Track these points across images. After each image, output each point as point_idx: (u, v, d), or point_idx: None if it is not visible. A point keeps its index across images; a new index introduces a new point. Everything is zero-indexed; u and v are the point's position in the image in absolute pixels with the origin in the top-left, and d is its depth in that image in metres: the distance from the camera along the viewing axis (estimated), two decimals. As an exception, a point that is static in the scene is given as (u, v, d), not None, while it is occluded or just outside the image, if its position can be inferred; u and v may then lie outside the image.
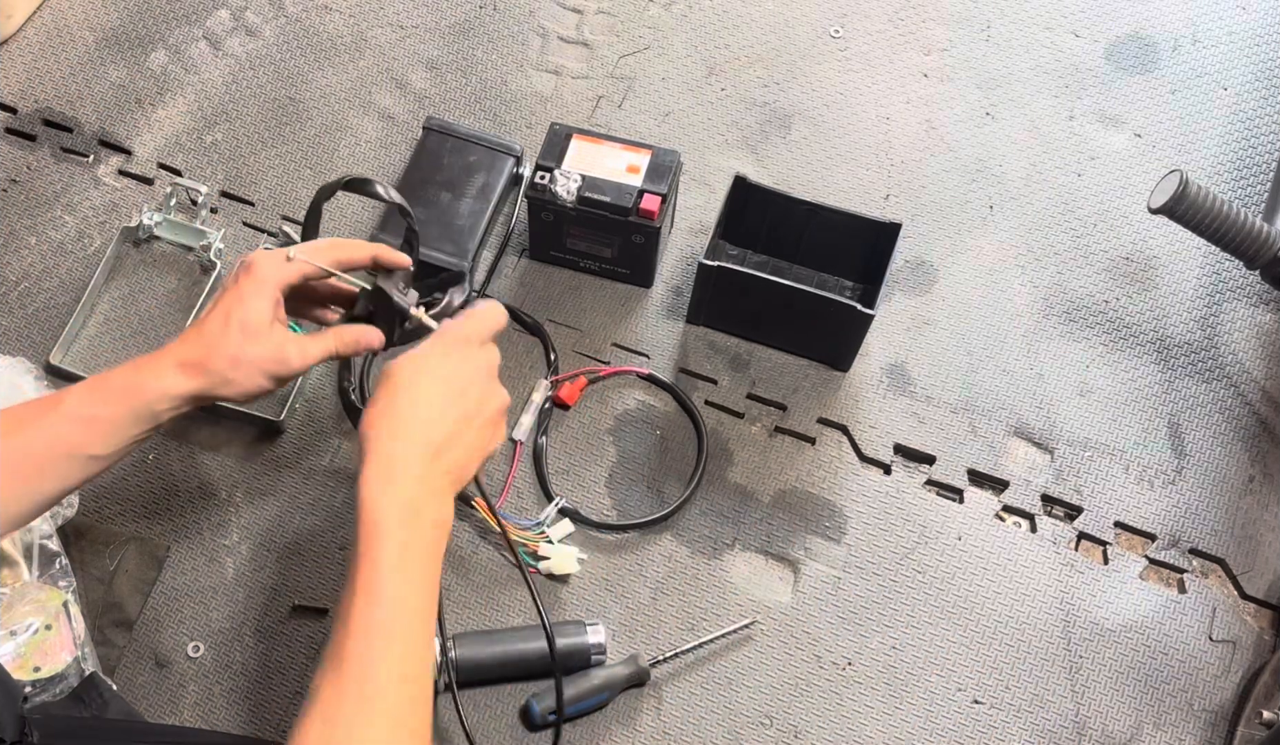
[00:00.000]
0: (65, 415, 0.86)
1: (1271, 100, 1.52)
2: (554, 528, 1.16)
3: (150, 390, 0.88)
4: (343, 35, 1.50)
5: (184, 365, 0.89)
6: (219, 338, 0.89)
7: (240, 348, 0.89)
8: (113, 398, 0.88)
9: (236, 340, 0.89)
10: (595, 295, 1.32)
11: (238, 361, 0.89)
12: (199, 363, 0.89)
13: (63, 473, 0.87)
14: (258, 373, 0.90)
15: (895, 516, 1.22)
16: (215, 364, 0.89)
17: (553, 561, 1.14)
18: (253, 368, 0.90)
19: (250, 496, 1.18)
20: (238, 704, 1.08)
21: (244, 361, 0.90)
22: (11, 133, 1.39)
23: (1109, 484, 1.25)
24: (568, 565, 1.14)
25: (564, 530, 1.16)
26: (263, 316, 0.90)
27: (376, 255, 0.96)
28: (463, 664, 1.07)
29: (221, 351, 0.89)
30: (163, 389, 0.88)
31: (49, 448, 0.86)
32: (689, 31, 1.53)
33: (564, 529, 1.16)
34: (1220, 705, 1.14)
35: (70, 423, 0.86)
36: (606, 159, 1.26)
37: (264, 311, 0.90)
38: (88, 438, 0.87)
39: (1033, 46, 1.55)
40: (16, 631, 1.01)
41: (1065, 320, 1.35)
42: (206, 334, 0.90)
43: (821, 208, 1.26)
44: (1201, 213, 1.17)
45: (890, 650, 1.15)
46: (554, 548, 1.14)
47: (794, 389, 1.28)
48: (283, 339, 0.92)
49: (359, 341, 0.96)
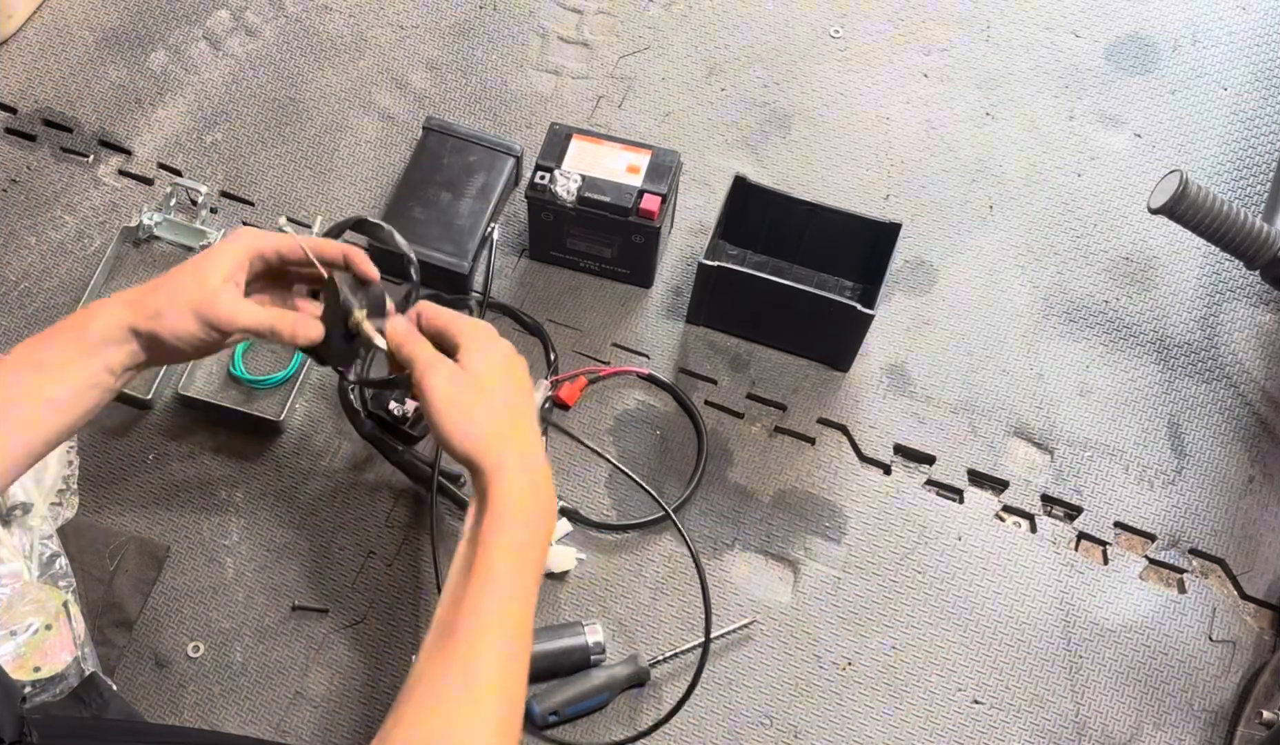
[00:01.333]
0: (14, 363, 0.87)
1: (1271, 100, 1.52)
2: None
3: (93, 321, 0.89)
4: (343, 35, 1.50)
5: (128, 301, 0.90)
6: (169, 278, 0.92)
7: (181, 285, 0.91)
8: (59, 336, 0.89)
9: (183, 280, 0.91)
10: (595, 295, 1.32)
11: (173, 296, 0.90)
12: (139, 297, 0.90)
13: (25, 419, 0.87)
14: (188, 311, 0.90)
15: (895, 516, 1.22)
16: (153, 298, 0.90)
17: (550, 560, 1.14)
18: (185, 305, 0.90)
19: (250, 496, 1.18)
20: (238, 704, 1.08)
21: (179, 298, 0.90)
22: (11, 133, 1.39)
23: (1109, 484, 1.25)
24: (566, 563, 1.14)
25: (562, 529, 1.16)
26: (218, 267, 0.92)
27: (348, 254, 0.96)
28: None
29: (164, 287, 0.91)
30: (104, 320, 0.89)
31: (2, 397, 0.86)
32: (689, 31, 1.53)
33: (562, 528, 1.16)
34: (1220, 705, 1.14)
35: (19, 369, 0.87)
36: (606, 159, 1.26)
37: (222, 264, 0.92)
38: (40, 379, 0.87)
39: (1033, 46, 1.55)
40: (16, 631, 1.01)
41: (1065, 320, 1.35)
42: (163, 279, 0.92)
43: (821, 208, 1.26)
44: (1201, 213, 1.17)
45: (890, 650, 1.15)
46: (552, 547, 1.14)
47: (794, 389, 1.28)
48: (225, 291, 0.92)
49: (295, 326, 0.94)
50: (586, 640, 1.09)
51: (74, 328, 0.90)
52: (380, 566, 1.15)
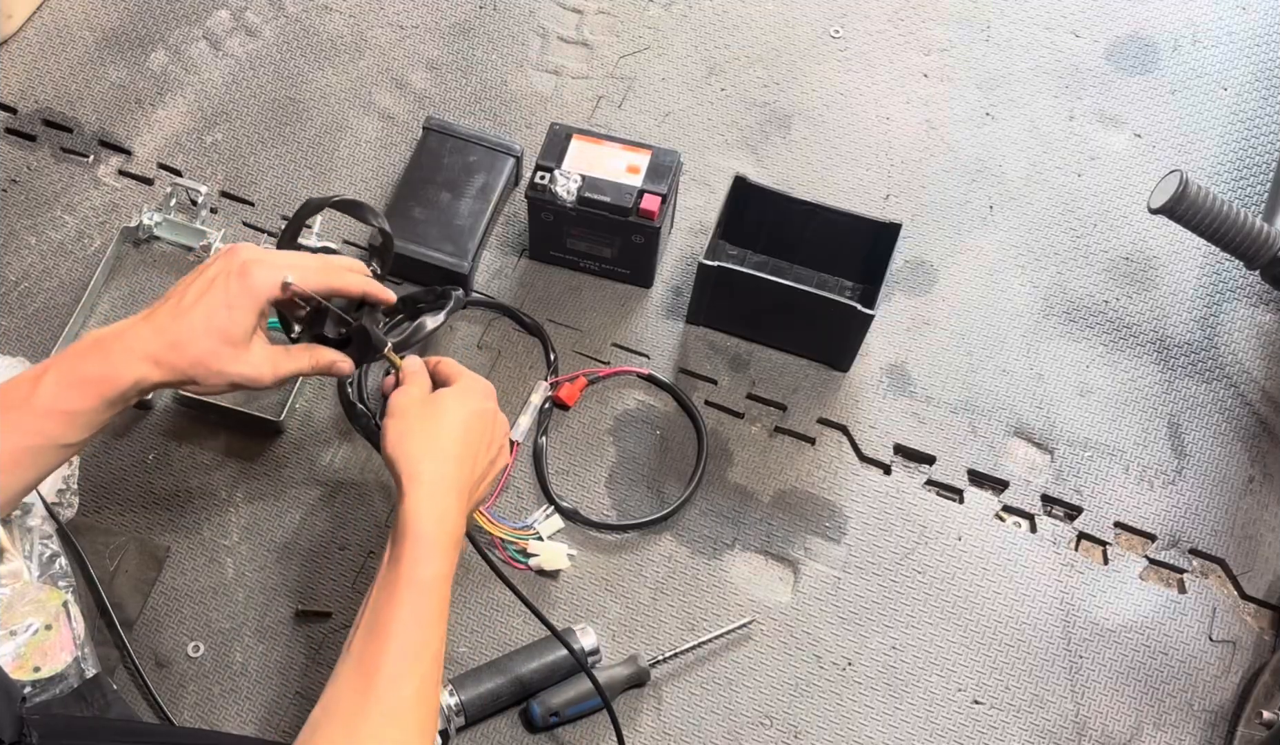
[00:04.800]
0: (37, 411, 0.86)
1: (1271, 100, 1.52)
2: (544, 525, 1.16)
3: (123, 380, 0.88)
4: (343, 35, 1.50)
5: (157, 362, 0.88)
6: (196, 339, 0.89)
7: (215, 356, 0.89)
8: (88, 390, 0.87)
9: (213, 347, 0.89)
10: (595, 295, 1.32)
11: (210, 369, 0.90)
12: (171, 363, 0.89)
13: (39, 464, 0.87)
14: (226, 382, 0.91)
15: (895, 516, 1.22)
16: (185, 364, 0.89)
17: (542, 557, 1.14)
18: (223, 378, 0.91)
19: (250, 496, 1.18)
20: (238, 704, 1.08)
21: (215, 370, 0.90)
22: (11, 133, 1.39)
23: (1109, 484, 1.25)
24: (558, 561, 1.14)
25: (553, 527, 1.17)
26: (245, 329, 0.90)
27: (367, 292, 0.97)
28: (468, 705, 1.06)
29: (194, 353, 0.89)
30: (134, 379, 0.88)
31: (23, 442, 0.86)
32: (689, 31, 1.53)
33: (554, 526, 1.17)
34: (1220, 705, 1.14)
35: (43, 417, 0.86)
36: (606, 159, 1.26)
37: (247, 325, 0.90)
38: (61, 430, 0.87)
39: (1033, 46, 1.55)
40: (16, 631, 1.01)
41: (1065, 320, 1.35)
42: (184, 331, 0.89)
43: (821, 208, 1.26)
44: (1201, 213, 1.17)
45: (890, 650, 1.15)
46: (543, 544, 1.15)
47: (794, 389, 1.28)
48: (259, 355, 0.92)
49: (331, 367, 0.98)
50: (579, 645, 1.08)
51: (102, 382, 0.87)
52: (380, 566, 1.15)
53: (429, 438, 0.92)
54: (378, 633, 0.84)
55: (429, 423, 0.93)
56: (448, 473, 0.91)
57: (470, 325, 1.29)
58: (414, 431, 0.92)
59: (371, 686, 0.81)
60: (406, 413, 0.93)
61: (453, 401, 0.95)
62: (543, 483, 1.20)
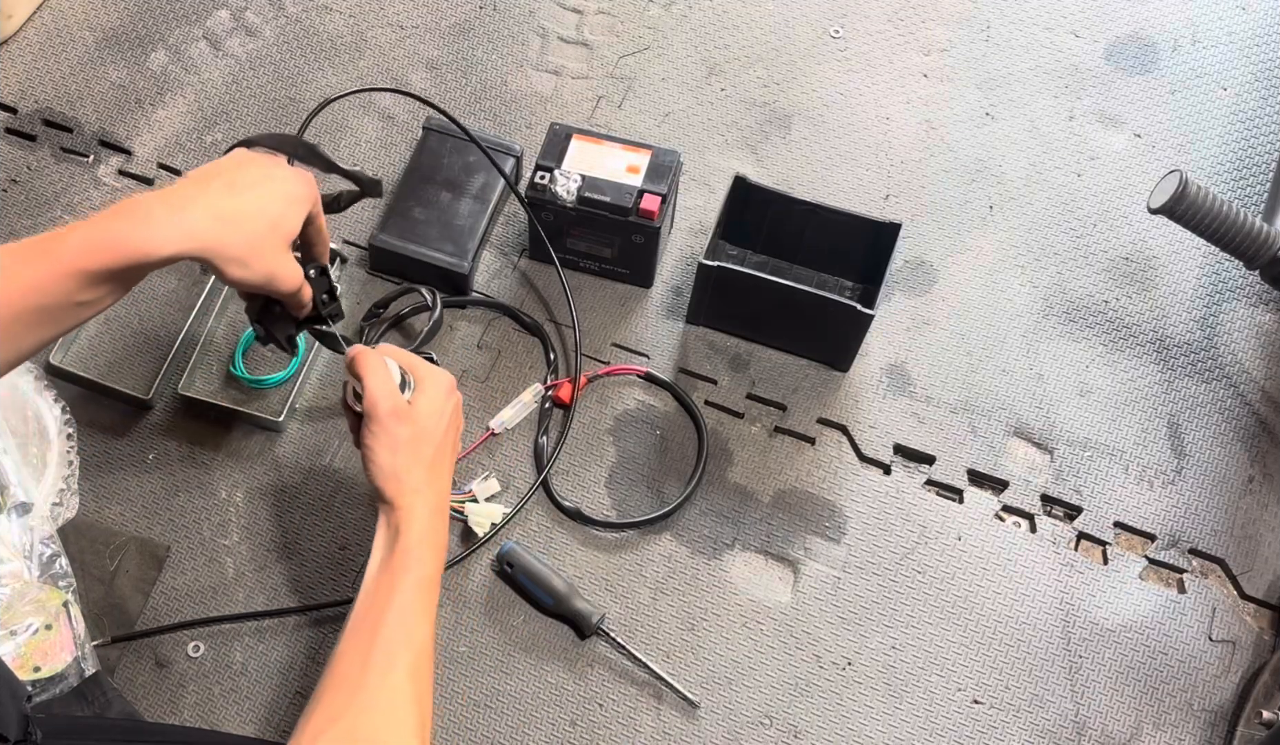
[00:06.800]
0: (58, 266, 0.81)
1: (1271, 100, 1.52)
2: (481, 487, 1.18)
3: (158, 247, 0.83)
4: (343, 35, 1.50)
5: (201, 235, 0.85)
6: (252, 219, 0.88)
7: (268, 241, 0.89)
8: (117, 253, 0.82)
9: (265, 232, 0.88)
10: (595, 295, 1.32)
11: (259, 253, 0.88)
12: (218, 237, 0.85)
13: (45, 324, 0.83)
14: (263, 275, 0.90)
15: (895, 516, 1.22)
16: (236, 242, 0.86)
17: (471, 518, 1.15)
18: (264, 269, 0.89)
19: (250, 496, 1.18)
20: (238, 704, 1.08)
21: (264, 256, 0.89)
22: (11, 133, 1.39)
23: (1109, 484, 1.25)
24: (486, 522, 1.15)
25: (490, 490, 1.18)
26: (294, 230, 0.92)
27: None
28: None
29: (247, 232, 0.87)
30: (171, 249, 0.84)
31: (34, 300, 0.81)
32: (689, 31, 1.53)
33: (490, 489, 1.18)
34: (1220, 705, 1.14)
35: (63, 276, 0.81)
36: (606, 159, 1.26)
37: (297, 227, 0.92)
38: (79, 290, 0.82)
39: (1033, 46, 1.55)
40: (16, 631, 1.01)
41: (1065, 320, 1.35)
42: (241, 209, 0.87)
43: (821, 208, 1.26)
44: (1201, 213, 1.17)
45: (890, 650, 1.15)
46: (477, 506, 1.16)
47: (794, 389, 1.28)
48: (294, 262, 0.94)
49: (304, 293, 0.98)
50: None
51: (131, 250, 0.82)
52: (380, 566, 1.15)
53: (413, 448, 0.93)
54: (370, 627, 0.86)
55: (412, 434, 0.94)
56: (432, 478, 0.94)
57: (470, 325, 1.29)
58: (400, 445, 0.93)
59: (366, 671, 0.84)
60: (386, 424, 0.93)
61: (428, 407, 0.96)
62: (543, 483, 1.20)
